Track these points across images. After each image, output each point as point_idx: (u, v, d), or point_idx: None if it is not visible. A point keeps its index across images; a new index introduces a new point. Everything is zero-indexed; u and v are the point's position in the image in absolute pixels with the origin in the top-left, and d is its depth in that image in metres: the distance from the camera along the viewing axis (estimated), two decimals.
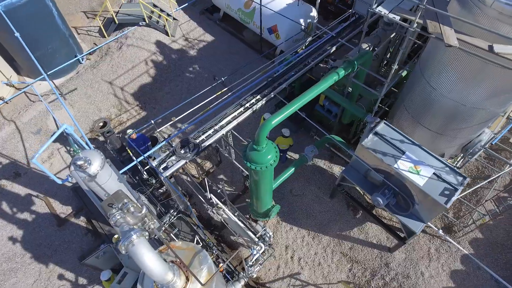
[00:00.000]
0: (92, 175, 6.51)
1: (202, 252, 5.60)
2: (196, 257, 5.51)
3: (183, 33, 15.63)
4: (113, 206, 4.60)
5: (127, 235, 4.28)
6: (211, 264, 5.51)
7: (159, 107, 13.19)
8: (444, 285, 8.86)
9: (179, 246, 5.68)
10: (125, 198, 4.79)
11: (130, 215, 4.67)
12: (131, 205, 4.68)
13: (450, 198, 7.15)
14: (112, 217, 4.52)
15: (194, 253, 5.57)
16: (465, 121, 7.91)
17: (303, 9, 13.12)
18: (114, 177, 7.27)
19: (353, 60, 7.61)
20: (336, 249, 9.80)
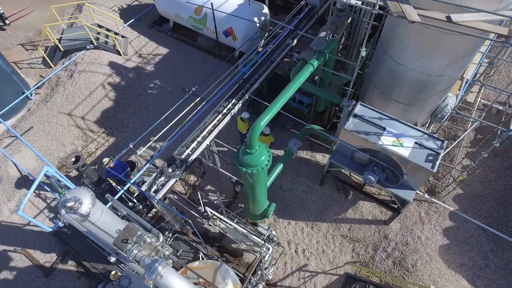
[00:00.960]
0: (84, 214, 6.07)
1: (223, 267, 5.48)
2: (218, 272, 5.39)
3: (135, 50, 15.05)
4: (128, 241, 4.33)
5: (152, 267, 4.06)
6: (234, 275, 5.42)
7: (128, 130, 12.62)
8: (440, 244, 9.46)
9: (198, 266, 5.50)
10: (138, 231, 4.54)
11: (147, 246, 4.44)
12: (146, 236, 4.44)
13: (435, 163, 7.63)
14: (130, 253, 4.26)
15: (214, 270, 5.43)
16: (432, 89, 8.46)
17: (255, 8, 13.22)
18: (107, 212, 6.85)
19: (323, 49, 7.82)
20: (336, 233, 10.06)
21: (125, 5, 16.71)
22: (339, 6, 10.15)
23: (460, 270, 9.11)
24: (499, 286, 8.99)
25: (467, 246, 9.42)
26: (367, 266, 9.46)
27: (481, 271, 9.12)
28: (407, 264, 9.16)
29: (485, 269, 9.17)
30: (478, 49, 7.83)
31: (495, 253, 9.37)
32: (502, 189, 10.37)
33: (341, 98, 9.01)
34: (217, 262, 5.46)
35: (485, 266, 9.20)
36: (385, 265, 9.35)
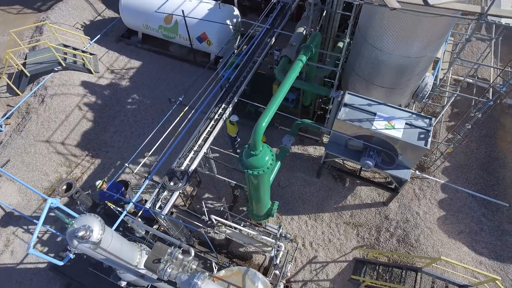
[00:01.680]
0: (96, 241, 5.84)
1: (250, 271, 5.47)
2: (246, 277, 5.37)
3: (106, 67, 14.55)
4: (161, 260, 4.22)
5: (192, 283, 3.99)
6: (263, 278, 5.43)
7: (112, 149, 12.19)
8: (437, 216, 9.94)
9: (225, 274, 5.45)
10: (167, 249, 4.43)
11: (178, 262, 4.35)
12: (177, 252, 4.35)
13: (427, 140, 8.02)
14: (164, 272, 4.16)
15: (242, 276, 5.41)
16: (412, 71, 8.84)
17: (226, 11, 13.19)
18: (115, 235, 6.63)
19: (309, 44, 7.97)
20: (339, 221, 10.29)
21: (87, 21, 16.09)
22: (311, 0, 10.38)
23: (459, 238, 9.62)
24: (494, 247, 9.58)
25: (462, 214, 9.97)
26: (374, 248, 9.76)
27: (478, 236, 9.69)
28: (410, 240, 9.54)
29: (480, 233, 9.75)
30: (451, 28, 8.30)
31: (487, 216, 9.98)
32: (484, 157, 11.07)
33: (329, 90, 9.22)
34: (243, 267, 5.44)
35: (480, 230, 9.77)
36: (390, 244, 9.70)
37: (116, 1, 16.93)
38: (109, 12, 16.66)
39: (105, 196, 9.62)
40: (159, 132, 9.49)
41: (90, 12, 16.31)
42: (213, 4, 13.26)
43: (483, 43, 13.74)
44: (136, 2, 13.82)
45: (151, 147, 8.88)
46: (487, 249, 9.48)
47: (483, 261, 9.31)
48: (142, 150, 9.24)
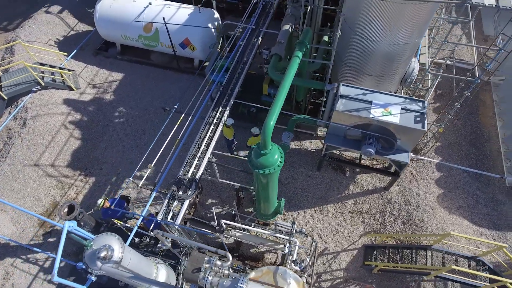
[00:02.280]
0: (118, 260, 5.69)
1: (279, 269, 5.50)
2: (277, 276, 5.40)
3: (87, 82, 14.10)
4: (201, 270, 4.17)
5: (236, 285, 3.97)
6: (294, 274, 5.47)
7: (106, 166, 11.83)
8: (436, 194, 10.34)
9: (256, 276, 5.45)
10: (205, 256, 4.38)
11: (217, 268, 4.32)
12: (215, 258, 4.31)
13: (423, 122, 8.33)
14: (206, 281, 4.12)
15: (272, 274, 5.43)
16: (400, 57, 9.14)
17: (206, 14, 13.11)
18: (133, 252, 6.48)
19: (303, 40, 8.07)
20: (344, 210, 10.49)
21: (61, 37, 15.51)
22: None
23: (459, 213, 10.05)
24: (491, 217, 10.08)
25: (458, 190, 10.42)
26: (380, 232, 10.02)
27: (475, 208, 10.16)
28: (414, 220, 9.87)
29: (477, 206, 10.23)
30: (433, 14, 8.65)
31: (481, 189, 10.49)
32: (470, 133, 11.62)
33: (323, 84, 9.38)
34: (272, 266, 5.46)
35: (477, 203, 10.26)
36: (396, 227, 9.99)
37: (88, 13, 16.51)
38: (82, 26, 16.12)
39: (108, 214, 9.36)
40: (156, 143, 9.30)
41: (62, 27, 15.73)
42: (192, 9, 13.14)
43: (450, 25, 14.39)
44: (112, 13, 13.47)
45: (151, 158, 8.69)
46: (485, 220, 9.97)
47: (484, 232, 9.78)
48: (144, 163, 9.03)
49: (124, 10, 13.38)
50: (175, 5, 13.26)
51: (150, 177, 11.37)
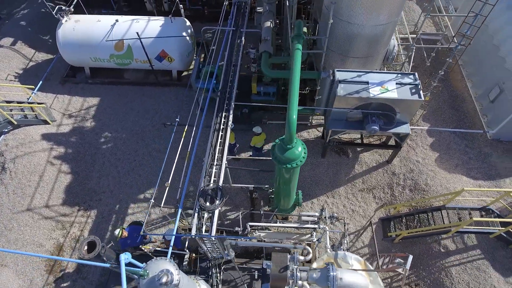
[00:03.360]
0: (177, 283, 5.50)
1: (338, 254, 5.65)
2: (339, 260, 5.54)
3: (62, 112, 13.24)
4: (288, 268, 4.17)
5: (330, 276, 4.04)
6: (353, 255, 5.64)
7: (104, 195, 11.22)
8: (434, 158, 11.06)
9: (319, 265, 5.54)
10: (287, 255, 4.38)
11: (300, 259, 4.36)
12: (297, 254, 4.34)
13: (419, 92, 8.89)
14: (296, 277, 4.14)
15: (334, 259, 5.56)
16: (383, 37, 9.66)
17: (178, 23, 12.87)
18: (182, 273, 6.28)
19: (300, 33, 8.24)
20: (354, 190, 10.88)
21: (20, 70, 14.39)
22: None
23: (457, 170, 10.84)
24: (484, 169, 10.97)
25: (451, 150, 11.23)
26: (392, 204, 10.53)
27: (469, 164, 11.02)
28: (421, 186, 10.50)
29: (470, 161, 11.10)
30: None
31: (469, 146, 11.39)
32: (448, 97, 12.56)
33: (318, 73, 9.64)
34: (331, 252, 5.56)
35: (469, 159, 11.13)
36: (405, 195, 10.56)
37: (44, 41, 15.51)
38: (40, 55, 15.07)
39: (127, 244, 8.93)
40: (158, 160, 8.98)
41: (18, 59, 14.59)
42: (163, 20, 12.82)
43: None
44: (77, 36, 12.75)
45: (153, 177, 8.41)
46: (480, 173, 10.85)
47: (481, 183, 10.65)
48: (162, 181, 8.68)
49: (89, 31, 12.73)
50: (143, 18, 12.87)
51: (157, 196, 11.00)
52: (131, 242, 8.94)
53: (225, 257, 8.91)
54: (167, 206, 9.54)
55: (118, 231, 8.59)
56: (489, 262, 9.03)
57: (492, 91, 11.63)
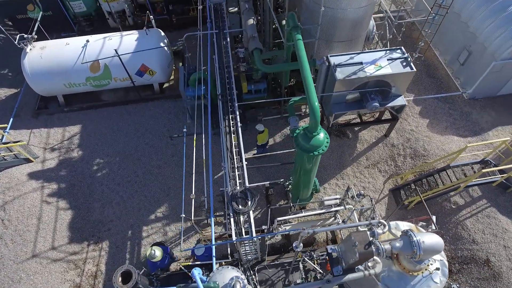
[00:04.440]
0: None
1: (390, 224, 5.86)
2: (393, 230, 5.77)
3: (42, 147, 12.32)
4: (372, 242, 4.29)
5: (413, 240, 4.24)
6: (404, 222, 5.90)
7: (112, 224, 10.64)
8: (425, 124, 11.76)
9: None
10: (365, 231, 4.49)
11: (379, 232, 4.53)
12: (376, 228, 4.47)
13: (410, 64, 9.42)
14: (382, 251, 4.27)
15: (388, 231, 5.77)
16: (364, 19, 10.09)
17: (153, 35, 12.49)
18: None
19: (296, 24, 8.38)
20: (360, 168, 11.29)
21: None
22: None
23: (447, 132, 11.63)
24: (469, 127, 11.83)
25: (438, 115, 12.03)
26: (398, 174, 11.08)
27: (456, 124, 11.87)
28: (420, 152, 11.14)
29: (455, 122, 11.95)
30: None
31: (452, 108, 12.27)
32: (423, 67, 13.41)
33: (313, 61, 9.85)
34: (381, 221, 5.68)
35: (454, 120, 11.99)
36: (408, 164, 11.14)
37: (4, 75, 14.33)
38: (3, 91, 13.89)
39: (156, 266, 8.57)
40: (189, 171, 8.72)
41: None
42: (137, 33, 12.37)
43: None
44: (46, 63, 11.91)
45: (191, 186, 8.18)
46: (467, 131, 11.73)
47: (470, 140, 11.52)
48: (187, 194, 8.41)
49: (59, 57, 11.95)
50: (116, 35, 12.33)
51: (169, 213, 10.67)
52: (160, 263, 8.59)
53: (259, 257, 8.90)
54: (198, 218, 9.27)
55: (149, 254, 8.22)
56: (496, 209, 9.82)
57: (461, 55, 12.62)
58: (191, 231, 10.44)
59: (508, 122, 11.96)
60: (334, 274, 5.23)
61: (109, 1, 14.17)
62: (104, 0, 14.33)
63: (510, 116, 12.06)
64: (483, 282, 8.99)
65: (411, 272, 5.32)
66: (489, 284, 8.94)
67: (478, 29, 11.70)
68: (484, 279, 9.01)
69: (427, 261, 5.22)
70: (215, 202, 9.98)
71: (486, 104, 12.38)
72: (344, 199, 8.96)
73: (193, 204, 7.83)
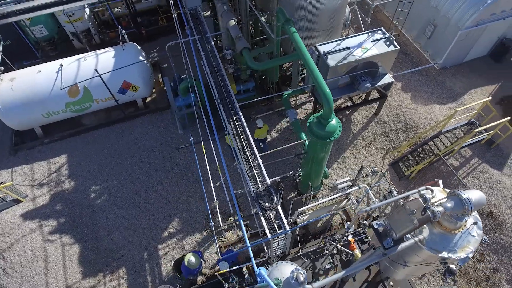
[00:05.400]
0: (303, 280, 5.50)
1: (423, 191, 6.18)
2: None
3: (29, 185, 11.49)
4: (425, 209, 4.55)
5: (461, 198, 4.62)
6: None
7: (125, 249, 10.19)
8: (409, 98, 12.44)
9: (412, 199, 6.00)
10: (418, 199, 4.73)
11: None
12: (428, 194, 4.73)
13: (393, 43, 9.94)
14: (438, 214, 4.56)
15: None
16: (342, 6, 10.49)
17: (131, 49, 12.09)
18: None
19: (287, 18, 8.51)
20: (358, 149, 11.71)
21: None
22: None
23: (429, 101, 12.40)
24: (446, 94, 12.69)
25: (418, 87, 12.78)
26: (394, 148, 11.64)
27: (435, 93, 12.67)
28: (410, 124, 11.78)
29: (434, 92, 12.76)
30: None
31: (428, 80, 13.09)
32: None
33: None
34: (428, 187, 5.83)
35: (433, 90, 12.80)
36: (401, 137, 11.75)
37: None
38: None
39: (189, 271, 8.44)
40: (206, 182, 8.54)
41: None
42: (113, 50, 11.90)
43: None
44: (19, 95, 11.09)
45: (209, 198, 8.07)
46: (446, 98, 12.58)
47: (450, 106, 12.37)
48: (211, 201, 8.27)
49: (33, 86, 11.19)
50: (90, 54, 11.77)
51: (181, 228, 10.42)
52: (195, 269, 8.46)
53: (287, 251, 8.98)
54: (227, 223, 9.12)
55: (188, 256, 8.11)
56: (487, 164, 10.66)
57: (426, 29, 13.48)
58: (209, 240, 10.28)
59: (478, 85, 12.98)
60: (386, 247, 5.45)
61: (72, 21, 13.47)
62: (66, 21, 13.62)
63: (478, 78, 13.10)
64: (491, 232, 9.73)
65: (453, 230, 5.66)
66: (496, 233, 9.70)
67: (439, 3, 12.58)
68: (491, 229, 9.75)
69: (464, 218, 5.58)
70: (226, 206, 9.92)
71: (456, 71, 13.35)
72: (357, 179, 9.26)
73: (218, 211, 7.74)
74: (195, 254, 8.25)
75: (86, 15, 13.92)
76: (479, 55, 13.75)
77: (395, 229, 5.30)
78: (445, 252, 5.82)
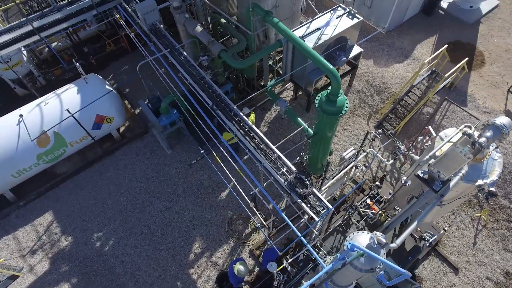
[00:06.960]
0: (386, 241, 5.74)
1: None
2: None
3: (20, 255, 10.13)
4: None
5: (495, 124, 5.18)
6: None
7: (156, 285, 9.56)
8: (373, 64, 13.39)
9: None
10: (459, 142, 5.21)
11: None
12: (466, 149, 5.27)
13: (355, 15, 10.61)
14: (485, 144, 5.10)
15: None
16: None
17: (94, 80, 11.23)
18: None
19: (266, 11, 8.63)
20: (344, 121, 12.33)
21: None
22: (175, 5, 10.55)
23: (390, 63, 13.44)
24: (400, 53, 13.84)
25: (375, 52, 13.79)
26: (375, 112, 12.47)
27: (391, 55, 13.75)
28: (381, 87, 12.70)
29: (390, 53, 13.85)
30: None
31: (381, 44, 14.19)
32: None
33: (279, 42, 10.23)
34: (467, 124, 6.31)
35: (388, 52, 13.88)
36: (378, 101, 12.62)
37: None
38: None
39: (239, 279, 8.28)
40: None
41: None
42: (75, 85, 10.94)
43: None
44: None
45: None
46: (401, 56, 13.73)
47: (407, 62, 13.56)
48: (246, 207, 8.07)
49: None
50: (50, 96, 10.70)
51: (208, 236, 10.08)
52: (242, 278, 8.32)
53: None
54: (272, 220, 8.93)
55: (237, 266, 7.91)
56: (455, 103, 11.95)
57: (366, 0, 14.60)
58: (238, 248, 10.09)
59: (420, 39, 14.40)
60: (436, 190, 5.93)
61: (11, 67, 12.05)
62: (4, 69, 12.13)
63: (418, 33, 14.50)
64: None
65: (482, 159, 6.35)
66: None
67: None
68: None
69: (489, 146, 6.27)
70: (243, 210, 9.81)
71: (399, 32, 14.66)
72: (363, 147, 9.78)
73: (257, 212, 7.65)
74: (242, 262, 8.08)
75: (24, 57, 12.55)
76: (413, 13, 15.26)
77: (444, 172, 5.79)
78: (480, 180, 6.51)
